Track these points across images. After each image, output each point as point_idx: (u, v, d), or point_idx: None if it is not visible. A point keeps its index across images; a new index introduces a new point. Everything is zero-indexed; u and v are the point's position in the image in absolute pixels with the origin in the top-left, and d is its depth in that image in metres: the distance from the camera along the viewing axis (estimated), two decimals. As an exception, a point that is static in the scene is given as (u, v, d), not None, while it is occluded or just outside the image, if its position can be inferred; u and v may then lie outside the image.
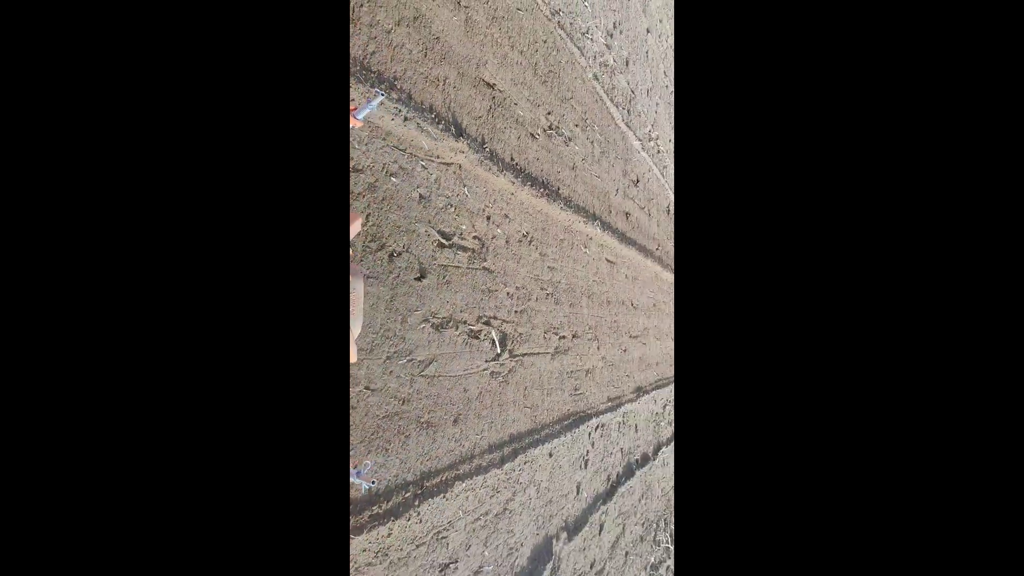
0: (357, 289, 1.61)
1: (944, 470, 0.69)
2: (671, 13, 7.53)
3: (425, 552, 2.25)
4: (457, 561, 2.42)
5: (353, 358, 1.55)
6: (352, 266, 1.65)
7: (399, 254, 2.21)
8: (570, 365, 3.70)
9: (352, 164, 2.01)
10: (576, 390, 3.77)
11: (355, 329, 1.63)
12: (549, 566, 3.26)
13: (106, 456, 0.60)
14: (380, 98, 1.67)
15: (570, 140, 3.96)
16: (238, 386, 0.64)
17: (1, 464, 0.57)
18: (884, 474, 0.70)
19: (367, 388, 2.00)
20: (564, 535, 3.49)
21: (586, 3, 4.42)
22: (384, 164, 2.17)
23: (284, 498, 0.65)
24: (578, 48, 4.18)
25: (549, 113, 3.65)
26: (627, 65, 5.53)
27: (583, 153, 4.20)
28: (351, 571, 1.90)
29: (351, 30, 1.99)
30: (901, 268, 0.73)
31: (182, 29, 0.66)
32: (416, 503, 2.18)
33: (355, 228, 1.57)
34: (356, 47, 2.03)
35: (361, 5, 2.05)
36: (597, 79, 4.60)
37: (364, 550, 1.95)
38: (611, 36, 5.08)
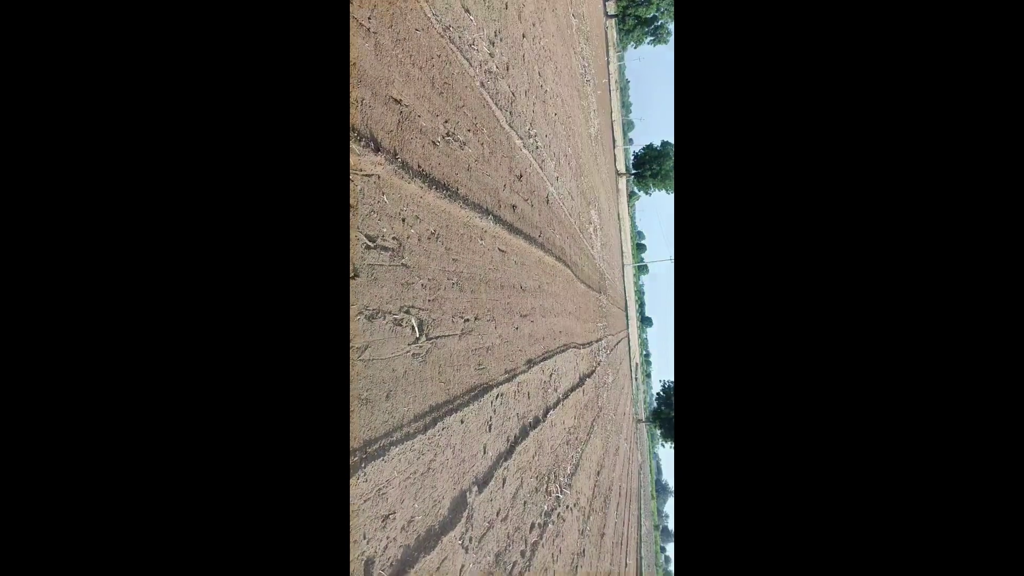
0: None
1: (939, 460, 0.69)
2: (542, 17, 8.30)
3: (371, 505, 2.73)
4: (395, 512, 2.93)
5: None
6: None
7: (336, 257, 2.60)
8: (474, 344, 4.30)
9: (292, 181, 2.34)
10: (480, 365, 4.39)
11: None
12: (465, 514, 3.89)
13: (107, 454, 0.60)
14: None
15: (464, 144, 4.49)
16: (239, 387, 0.65)
17: (1, 464, 0.57)
18: (885, 476, 0.69)
19: (319, 373, 2.40)
20: (475, 488, 4.14)
21: (471, 16, 4.92)
22: (319, 180, 2.54)
23: (284, 497, 0.65)
24: (466, 59, 4.69)
25: (446, 121, 4.13)
26: (507, 70, 6.16)
27: (475, 155, 4.76)
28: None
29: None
30: (901, 267, 0.72)
31: (182, 34, 0.66)
32: (363, 465, 2.64)
33: None
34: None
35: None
36: (483, 86, 5.15)
37: (324, 507, 2.37)
38: (493, 44, 5.65)
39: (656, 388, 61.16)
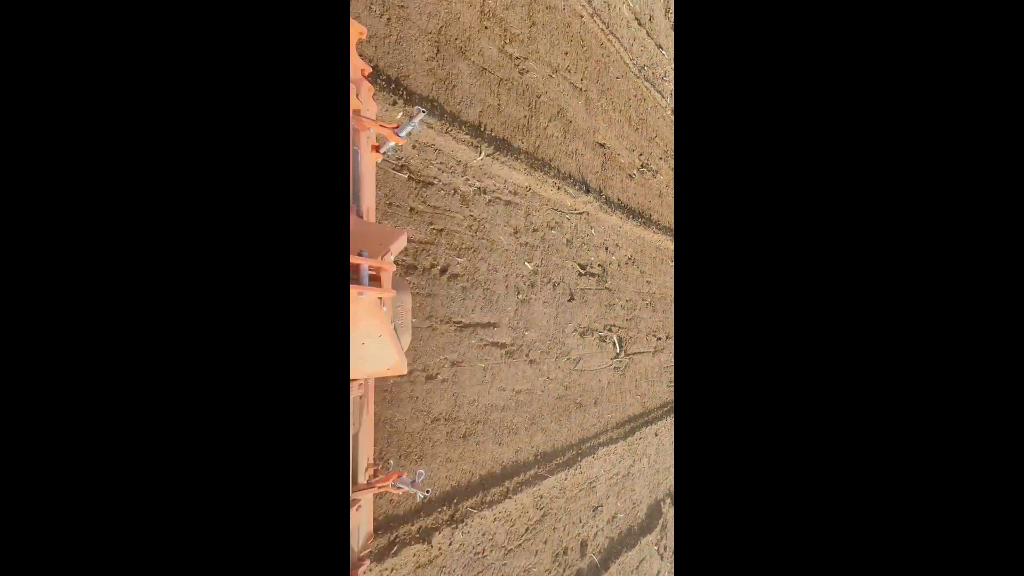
0: (405, 303, 1.74)
1: (939, 461, 0.68)
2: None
3: (584, 495, 3.22)
4: (603, 506, 3.38)
5: (404, 370, 1.68)
6: (401, 280, 1.88)
7: (558, 284, 3.18)
8: (665, 361, 4.57)
9: (528, 221, 2.98)
10: (671, 382, 4.65)
11: (404, 341, 1.71)
12: (660, 522, 4.17)
13: (112, 455, 0.60)
14: (421, 115, 1.93)
15: (656, 172, 4.83)
16: (240, 388, 0.65)
17: (1, 464, 0.57)
18: (886, 478, 0.69)
19: (548, 379, 2.98)
20: (668, 500, 4.38)
21: (663, 51, 5.26)
22: (546, 220, 3.15)
23: (285, 497, 0.65)
24: (659, 92, 5.04)
25: (640, 154, 4.54)
26: (696, 92, 6.31)
27: (666, 181, 5.06)
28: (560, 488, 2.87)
29: (548, 145, 2.97)
30: (900, 267, 0.72)
31: (183, 33, 0.66)
32: (578, 459, 3.15)
33: (399, 244, 1.63)
34: (526, 144, 3.02)
35: (531, 117, 3.04)
36: (672, 113, 5.44)
37: (551, 488, 2.92)
38: (682, 70, 5.88)
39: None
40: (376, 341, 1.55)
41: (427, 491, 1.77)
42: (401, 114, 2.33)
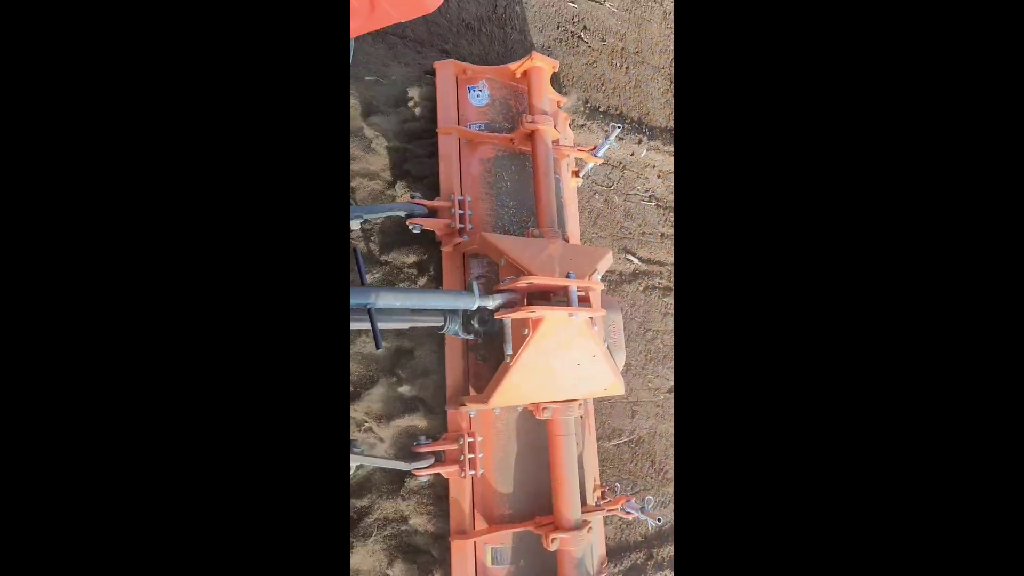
0: (617, 321, 1.74)
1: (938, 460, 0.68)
2: None
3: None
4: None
5: (621, 390, 1.69)
6: (610, 299, 1.83)
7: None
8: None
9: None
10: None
11: (619, 360, 1.71)
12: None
13: (119, 455, 0.60)
14: (617, 131, 1.92)
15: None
16: (239, 388, 0.64)
17: (1, 464, 0.57)
18: (887, 475, 0.69)
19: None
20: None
21: None
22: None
23: (285, 498, 0.64)
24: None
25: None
26: None
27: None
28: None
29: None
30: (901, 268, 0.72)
31: (183, 32, 0.66)
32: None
33: (605, 263, 1.67)
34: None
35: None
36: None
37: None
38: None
39: None
40: (590, 362, 1.57)
41: (659, 519, 1.69)
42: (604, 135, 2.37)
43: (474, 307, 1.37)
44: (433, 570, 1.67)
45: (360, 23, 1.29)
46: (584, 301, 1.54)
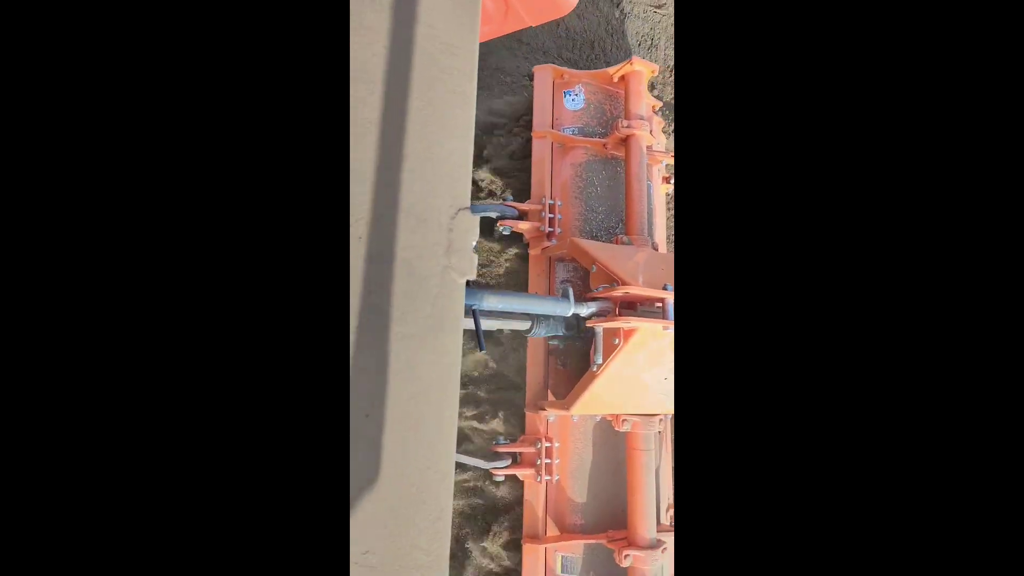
0: None
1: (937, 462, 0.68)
2: None
3: None
4: None
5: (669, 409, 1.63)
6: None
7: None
8: None
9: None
10: None
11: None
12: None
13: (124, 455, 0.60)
14: None
15: None
16: (240, 387, 0.64)
17: (1, 464, 0.57)
18: (888, 476, 0.69)
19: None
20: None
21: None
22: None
23: (285, 500, 0.64)
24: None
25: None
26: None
27: None
28: None
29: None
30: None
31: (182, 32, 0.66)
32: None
33: None
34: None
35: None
36: None
37: None
38: None
39: None
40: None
41: (738, 547, 1.63)
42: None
43: (569, 314, 1.38)
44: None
45: (493, 27, 1.34)
46: (677, 314, 1.52)
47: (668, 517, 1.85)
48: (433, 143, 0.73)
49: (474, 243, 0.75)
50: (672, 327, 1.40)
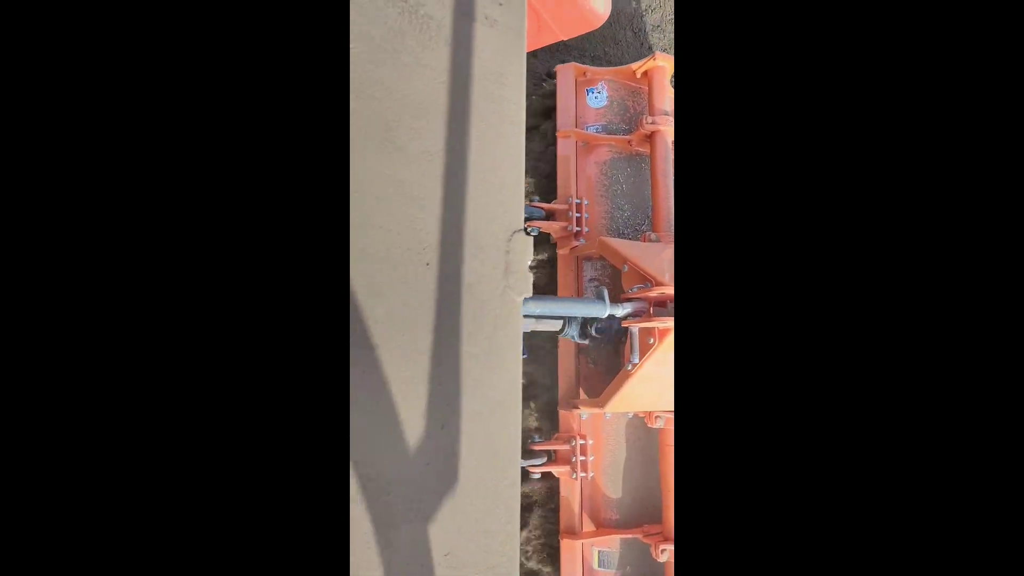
0: None
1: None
2: None
3: None
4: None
5: None
6: None
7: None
8: None
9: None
10: None
11: None
12: None
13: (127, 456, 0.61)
14: None
15: None
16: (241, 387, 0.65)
17: (1, 464, 0.58)
18: (889, 476, 0.69)
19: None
20: None
21: None
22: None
23: (285, 502, 0.65)
24: None
25: None
26: None
27: None
28: None
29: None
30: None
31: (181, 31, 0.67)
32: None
33: None
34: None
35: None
36: None
37: None
38: None
39: None
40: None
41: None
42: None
43: (605, 315, 1.43)
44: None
45: (528, 42, 1.40)
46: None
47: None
48: (489, 170, 0.78)
49: (528, 262, 0.81)
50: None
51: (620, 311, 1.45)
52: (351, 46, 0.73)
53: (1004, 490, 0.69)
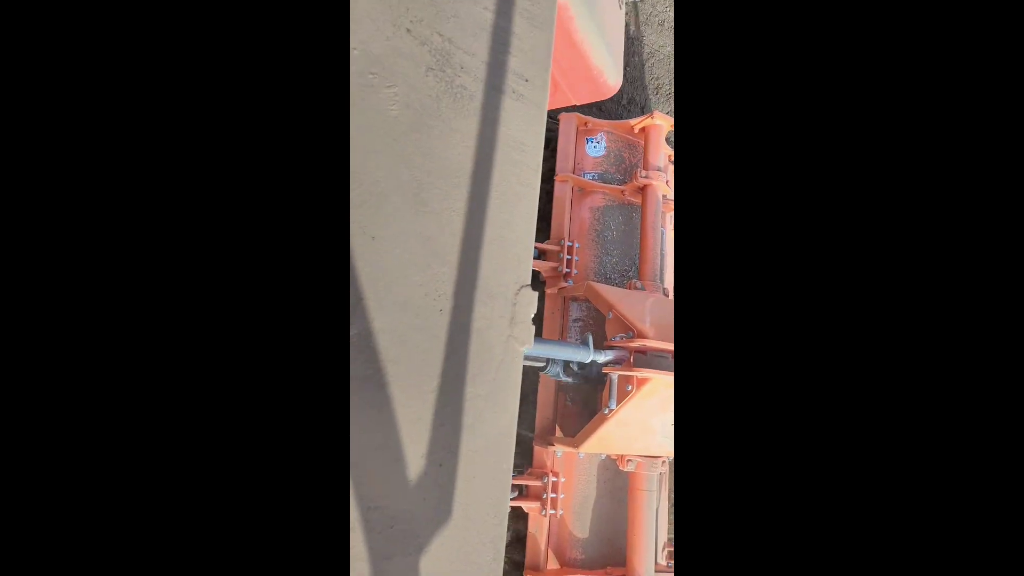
0: None
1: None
2: None
3: None
4: None
5: None
6: None
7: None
8: None
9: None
10: None
11: None
12: None
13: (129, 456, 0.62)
14: None
15: None
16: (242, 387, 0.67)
17: (1, 464, 0.59)
18: (889, 476, 0.72)
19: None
20: None
21: None
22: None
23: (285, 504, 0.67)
24: None
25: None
26: None
27: None
28: None
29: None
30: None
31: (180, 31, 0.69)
32: None
33: None
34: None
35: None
36: None
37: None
38: None
39: None
40: (684, 422, 1.68)
41: (733, 588, 1.76)
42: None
43: (588, 360, 1.52)
44: None
45: None
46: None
47: (664, 556, 1.98)
48: (504, 227, 0.87)
49: (533, 315, 0.89)
50: (683, 378, 1.54)
51: (602, 357, 1.54)
52: (395, 113, 0.81)
53: (1002, 489, 0.69)
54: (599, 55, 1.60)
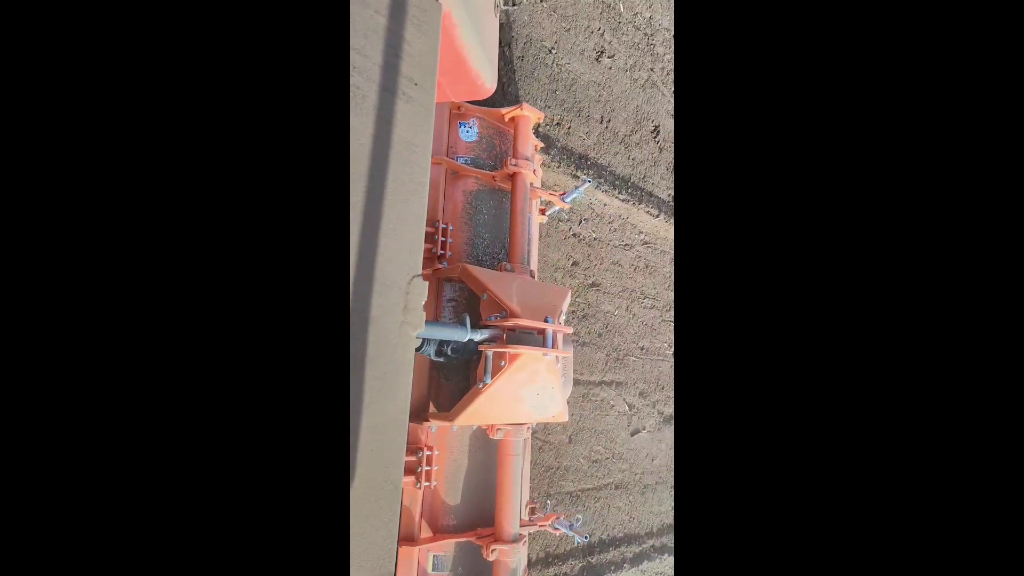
0: (570, 359, 2.09)
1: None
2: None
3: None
4: None
5: (565, 418, 2.01)
6: (567, 338, 2.10)
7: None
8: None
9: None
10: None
11: (567, 391, 2.06)
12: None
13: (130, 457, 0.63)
14: (587, 184, 2.38)
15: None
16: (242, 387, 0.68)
17: (1, 464, 0.59)
18: (889, 475, 0.72)
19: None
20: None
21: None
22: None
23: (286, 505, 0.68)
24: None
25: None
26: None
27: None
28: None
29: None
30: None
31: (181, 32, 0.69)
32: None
33: (567, 302, 1.97)
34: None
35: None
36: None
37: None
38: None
39: None
40: (548, 392, 1.90)
41: (586, 536, 2.04)
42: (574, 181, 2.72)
43: (465, 339, 1.65)
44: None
45: None
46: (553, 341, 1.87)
47: (526, 513, 2.22)
48: (397, 222, 0.94)
49: (423, 302, 0.98)
50: (550, 354, 1.75)
51: (478, 336, 1.68)
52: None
53: (1001, 489, 0.68)
54: (478, 59, 1.72)
